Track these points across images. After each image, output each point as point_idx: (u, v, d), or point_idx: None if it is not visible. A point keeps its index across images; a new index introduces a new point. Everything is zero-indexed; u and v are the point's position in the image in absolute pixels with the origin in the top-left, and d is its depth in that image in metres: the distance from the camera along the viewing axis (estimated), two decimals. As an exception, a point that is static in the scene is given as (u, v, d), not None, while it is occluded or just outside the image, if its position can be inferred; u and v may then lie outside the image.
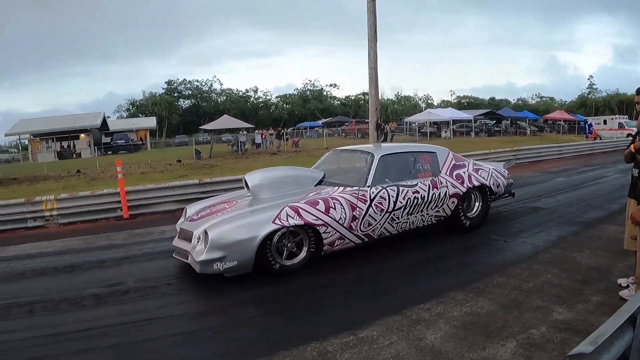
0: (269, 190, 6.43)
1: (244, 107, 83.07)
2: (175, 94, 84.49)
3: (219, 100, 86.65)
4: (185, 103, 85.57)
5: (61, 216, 11.07)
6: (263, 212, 5.70)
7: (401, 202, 6.41)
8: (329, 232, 5.84)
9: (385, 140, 34.39)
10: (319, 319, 4.48)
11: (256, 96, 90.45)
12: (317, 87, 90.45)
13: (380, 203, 6.24)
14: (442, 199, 6.87)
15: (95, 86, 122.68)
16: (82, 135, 49.50)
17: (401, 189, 6.46)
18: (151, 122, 62.59)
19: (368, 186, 6.26)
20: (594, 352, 2.62)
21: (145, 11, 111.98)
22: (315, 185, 6.60)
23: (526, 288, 4.80)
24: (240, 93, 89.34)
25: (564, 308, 4.27)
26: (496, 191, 7.75)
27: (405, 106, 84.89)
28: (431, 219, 6.89)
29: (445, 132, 40.11)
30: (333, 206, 5.88)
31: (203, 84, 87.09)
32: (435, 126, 43.39)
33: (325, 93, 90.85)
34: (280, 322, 4.50)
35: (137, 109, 78.47)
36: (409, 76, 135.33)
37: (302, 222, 5.64)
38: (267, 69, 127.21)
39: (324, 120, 68.53)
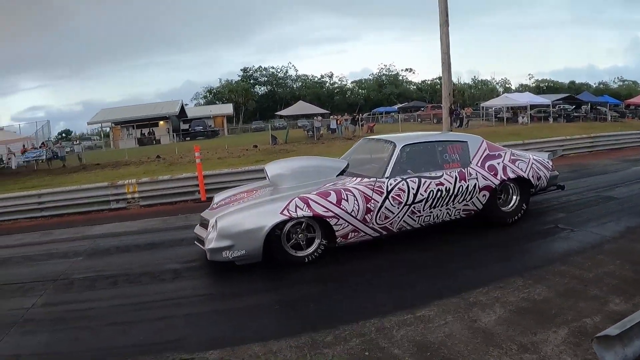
0: (289, 180, 6.49)
1: (320, 92, 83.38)
2: (251, 81, 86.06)
3: (294, 86, 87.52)
4: (261, 89, 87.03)
5: (142, 198, 11.84)
6: (273, 203, 5.76)
7: (422, 195, 6.11)
8: (341, 225, 5.73)
9: (460, 126, 33.70)
10: (379, 298, 4.65)
11: (331, 82, 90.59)
12: (392, 71, 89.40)
13: (399, 195, 5.99)
14: (470, 192, 6.46)
15: (173, 75, 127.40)
16: (161, 122, 51.71)
17: (423, 180, 6.16)
18: (228, 108, 64.25)
19: (386, 177, 6.05)
20: (620, 335, 2.65)
21: (220, 0, 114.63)
22: (337, 176, 6.49)
23: (586, 277, 4.68)
24: (316, 79, 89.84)
25: (622, 299, 4.14)
26: (537, 184, 7.16)
27: (483, 90, 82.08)
28: (459, 213, 6.53)
29: (523, 117, 38.55)
30: (345, 198, 5.76)
31: (278, 70, 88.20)
32: (512, 111, 41.84)
33: (401, 78, 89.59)
34: (342, 300, 4.71)
35: (214, 96, 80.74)
36: (486, 59, 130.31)
37: (310, 214, 5.61)
38: (342, 55, 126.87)
39: (400, 105, 67.76)
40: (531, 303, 4.19)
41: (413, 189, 6.06)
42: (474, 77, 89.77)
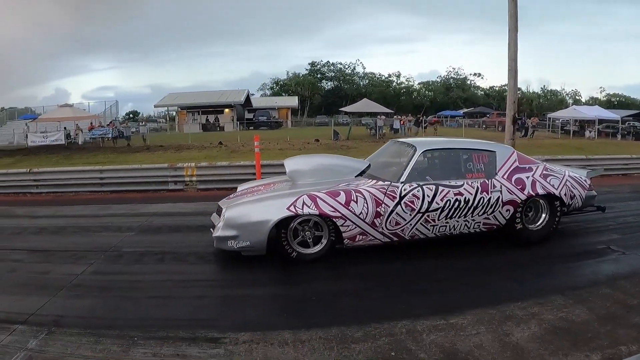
0: (306, 176, 6.49)
1: (386, 91, 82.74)
2: (318, 75, 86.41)
3: (361, 83, 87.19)
4: (327, 84, 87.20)
5: (200, 182, 12.25)
6: (281, 198, 5.80)
7: (438, 204, 5.88)
8: (348, 226, 5.66)
9: (525, 136, 32.75)
10: (415, 301, 4.64)
11: (398, 81, 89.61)
12: (460, 75, 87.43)
13: (412, 202, 5.81)
14: (492, 205, 6.15)
15: (242, 65, 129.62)
16: (226, 110, 52.79)
17: (440, 188, 5.94)
18: (293, 101, 64.84)
19: (401, 182, 5.88)
20: None
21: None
22: (356, 176, 6.38)
23: (630, 304, 4.47)
24: (383, 77, 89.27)
25: (662, 331, 3.96)
26: (570, 203, 6.69)
27: (551, 101, 79.31)
28: (479, 226, 6.23)
29: (590, 131, 36.95)
30: (355, 199, 5.68)
31: (346, 66, 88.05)
32: (579, 124, 40.14)
33: (469, 82, 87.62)
34: (378, 298, 4.76)
35: (281, 88, 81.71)
36: (557, 69, 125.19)
37: (317, 212, 5.59)
38: (411, 55, 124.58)
39: (465, 110, 66.41)
40: (568, 323, 4.07)
41: (428, 196, 5.87)
42: (544, 86, 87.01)
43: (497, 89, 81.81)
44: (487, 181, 6.18)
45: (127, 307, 4.65)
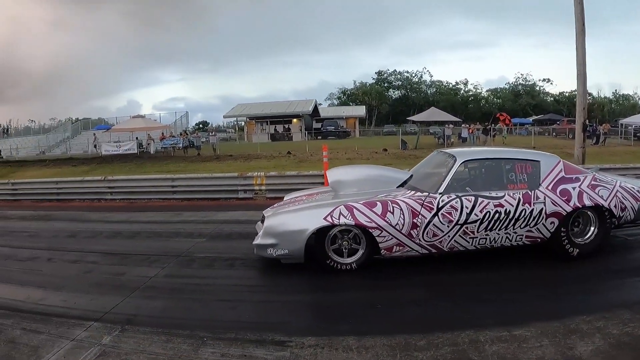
0: (347, 187, 6.50)
1: (454, 99, 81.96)
2: (385, 84, 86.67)
3: (428, 91, 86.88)
4: (394, 93, 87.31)
5: (269, 191, 12.50)
6: (320, 208, 5.85)
7: (476, 215, 5.75)
8: (384, 237, 5.64)
9: (596, 143, 31.32)
10: (480, 311, 4.58)
11: (466, 89, 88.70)
12: (529, 81, 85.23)
13: (450, 213, 5.71)
14: (535, 218, 5.90)
15: (309, 74, 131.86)
16: (295, 120, 53.54)
17: (480, 200, 5.81)
18: (361, 110, 65.04)
19: (439, 193, 5.81)
20: None
21: (357, 2, 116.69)
22: (397, 187, 6.35)
23: None
24: (450, 85, 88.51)
25: None
26: (621, 215, 6.27)
27: (624, 106, 75.75)
28: (521, 239, 5.99)
29: None
30: (391, 210, 5.66)
31: (413, 75, 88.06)
32: None
33: (538, 88, 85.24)
34: (443, 307, 4.72)
35: (348, 97, 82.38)
36: (630, 72, 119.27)
37: (353, 222, 5.61)
38: (478, 61, 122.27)
39: (535, 117, 64.44)
40: (634, 339, 3.90)
41: (467, 208, 5.75)
42: (615, 90, 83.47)
43: (567, 94, 78.89)
44: (529, 192, 5.98)
45: (198, 309, 4.83)
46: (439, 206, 5.71)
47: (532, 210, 5.87)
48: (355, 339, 4.00)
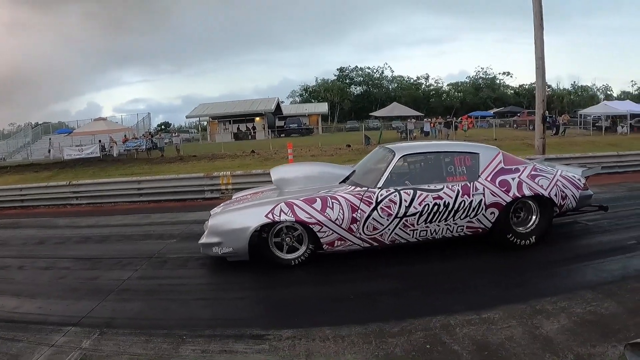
0: (291, 184, 6.68)
1: (415, 94, 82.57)
2: (347, 81, 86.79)
3: (390, 87, 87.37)
4: (356, 89, 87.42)
5: (236, 190, 12.38)
6: (261, 206, 5.97)
7: (415, 208, 5.83)
8: (325, 232, 5.76)
9: (556, 134, 32.27)
10: (450, 298, 4.77)
11: (427, 84, 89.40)
12: (489, 75, 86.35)
13: (389, 207, 5.80)
14: (474, 209, 6.01)
15: (271, 73, 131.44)
16: (257, 118, 53.30)
17: (419, 193, 5.89)
18: (323, 107, 65.16)
19: (378, 187, 5.90)
20: None
21: (320, 0, 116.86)
22: (340, 183, 6.47)
23: None
24: (412, 80, 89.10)
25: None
26: (562, 204, 6.45)
27: (582, 97, 77.64)
28: (462, 230, 6.11)
29: (622, 127, 35.93)
30: (330, 205, 5.78)
31: (374, 71, 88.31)
32: (611, 120, 39.09)
33: (498, 81, 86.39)
34: (416, 296, 4.91)
35: (310, 94, 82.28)
36: (588, 64, 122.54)
37: (293, 219, 5.74)
38: (439, 56, 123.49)
39: (496, 110, 65.54)
40: (597, 316, 4.14)
41: (406, 201, 5.83)
42: (574, 82, 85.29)
43: (527, 87, 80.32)
44: (469, 184, 6.09)
45: (174, 309, 4.90)
46: (378, 200, 5.82)
47: (472, 201, 6.00)
48: (331, 329, 4.14)
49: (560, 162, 13.18)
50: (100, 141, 33.76)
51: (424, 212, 5.86)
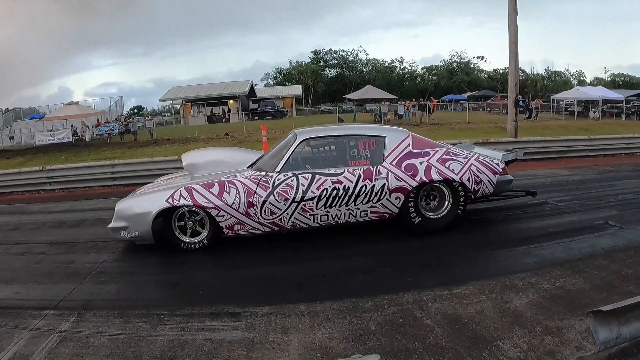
0: (200, 169, 6.76)
1: (390, 77, 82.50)
2: (322, 63, 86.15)
3: (364, 70, 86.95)
4: (331, 72, 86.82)
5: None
6: (164, 191, 6.06)
7: (313, 193, 5.82)
8: (223, 216, 5.84)
9: (529, 118, 32.78)
10: (422, 274, 4.93)
11: (402, 67, 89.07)
12: (464, 59, 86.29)
13: (285, 191, 5.82)
14: (377, 193, 5.94)
15: (244, 55, 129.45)
16: (231, 101, 52.92)
17: (317, 177, 5.88)
18: (297, 90, 64.81)
19: (276, 172, 5.93)
20: (616, 313, 2.67)
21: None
22: (247, 167, 6.49)
23: (625, 274, 4.68)
24: (386, 63, 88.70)
25: (655, 297, 4.16)
26: (476, 189, 6.32)
27: (556, 82, 78.68)
28: (367, 214, 6.07)
29: (594, 112, 36.75)
30: (227, 190, 5.84)
31: (349, 53, 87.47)
32: (583, 105, 39.90)
33: (472, 65, 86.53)
34: (388, 273, 5.05)
35: (284, 77, 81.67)
36: (562, 50, 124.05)
37: (191, 203, 5.83)
38: (414, 40, 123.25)
39: (469, 93, 65.72)
40: (565, 292, 4.31)
41: (303, 185, 5.84)
42: (548, 67, 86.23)
43: (500, 71, 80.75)
44: (371, 168, 6.01)
45: (151, 290, 5.02)
46: (275, 185, 5.86)
47: (374, 186, 5.94)
48: (306, 305, 4.27)
49: (532, 145, 13.54)
50: (72, 126, 33.26)
51: (323, 196, 5.86)
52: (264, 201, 5.81)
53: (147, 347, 3.72)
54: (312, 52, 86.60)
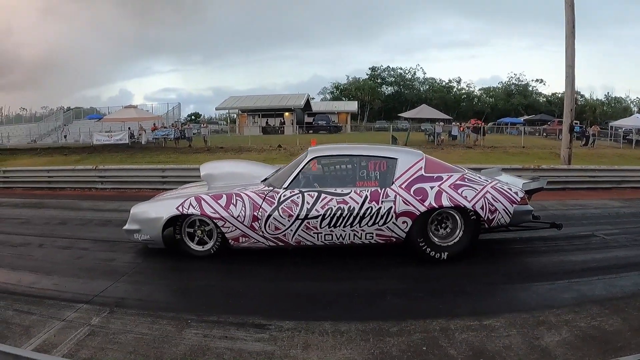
0: (217, 180, 6.78)
1: (446, 97, 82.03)
2: (379, 80, 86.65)
3: (421, 89, 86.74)
4: (387, 89, 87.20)
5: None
6: (177, 199, 6.24)
7: (317, 211, 5.77)
8: (228, 228, 5.93)
9: (585, 145, 31.68)
10: (455, 302, 4.81)
11: (459, 87, 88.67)
12: (522, 81, 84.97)
13: (290, 208, 5.81)
14: (383, 216, 5.79)
15: (302, 69, 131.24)
16: (287, 114, 53.53)
17: (323, 196, 5.84)
18: (353, 106, 65.03)
19: (284, 188, 5.95)
20: None
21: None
22: (261, 182, 6.44)
23: None
24: (443, 83, 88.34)
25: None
26: (490, 218, 6.01)
27: (615, 108, 76.08)
28: (372, 237, 5.93)
29: None
30: (234, 202, 5.93)
31: (406, 71, 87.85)
32: None
33: (530, 88, 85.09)
34: (420, 298, 4.95)
35: (341, 92, 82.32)
36: (622, 75, 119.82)
37: (199, 213, 5.97)
38: (471, 60, 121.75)
39: (526, 117, 64.35)
40: (600, 332, 4.11)
41: (308, 203, 5.81)
42: (608, 93, 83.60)
43: (559, 95, 78.35)
44: (379, 190, 5.89)
45: (183, 294, 5.15)
46: (280, 200, 5.87)
47: (380, 208, 5.81)
48: (331, 323, 4.24)
49: (585, 173, 13.11)
50: (129, 128, 34.41)
51: (327, 215, 5.80)
52: (269, 216, 5.85)
53: (169, 349, 3.80)
54: (369, 68, 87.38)
